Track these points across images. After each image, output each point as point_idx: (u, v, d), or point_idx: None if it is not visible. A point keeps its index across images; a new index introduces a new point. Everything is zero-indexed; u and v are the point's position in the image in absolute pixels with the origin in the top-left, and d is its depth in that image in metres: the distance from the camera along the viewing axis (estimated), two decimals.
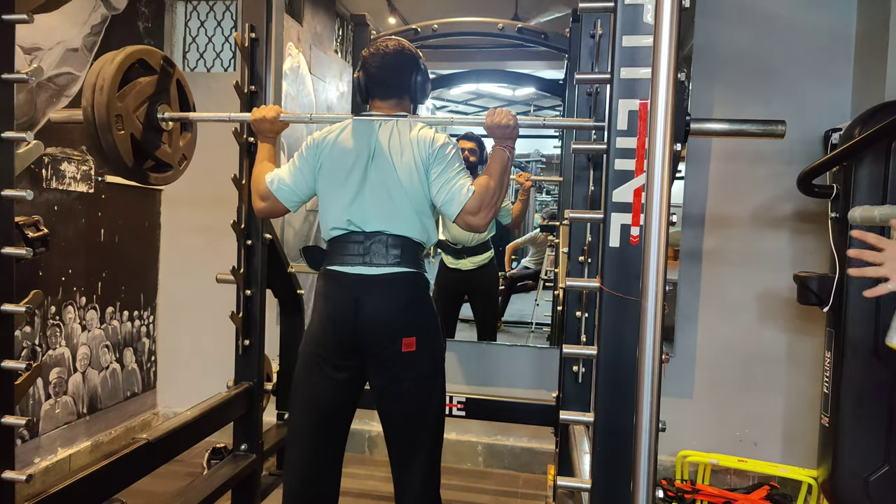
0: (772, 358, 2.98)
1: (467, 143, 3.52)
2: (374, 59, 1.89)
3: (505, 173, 1.83)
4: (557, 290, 3.41)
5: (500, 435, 3.34)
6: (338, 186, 1.85)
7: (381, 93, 1.91)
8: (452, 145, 1.85)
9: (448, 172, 1.81)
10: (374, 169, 1.83)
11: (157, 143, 2.08)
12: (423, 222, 1.84)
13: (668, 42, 0.97)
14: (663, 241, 0.98)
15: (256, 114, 2.00)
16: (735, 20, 2.92)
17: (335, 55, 4.63)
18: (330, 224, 1.87)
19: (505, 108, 1.87)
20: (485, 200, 1.78)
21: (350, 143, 1.87)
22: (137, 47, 2.01)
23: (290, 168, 1.93)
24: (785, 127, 1.40)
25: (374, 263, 1.79)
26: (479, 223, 1.79)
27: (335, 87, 4.54)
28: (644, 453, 1.00)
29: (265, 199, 1.94)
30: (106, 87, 1.85)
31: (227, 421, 2.42)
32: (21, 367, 1.48)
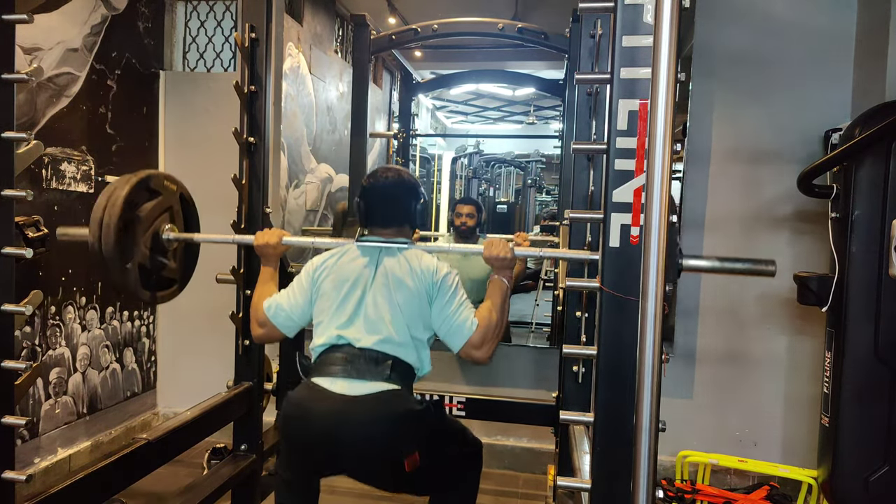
0: (772, 358, 2.98)
1: (465, 208, 3.55)
2: (374, 189, 1.91)
3: (505, 303, 1.85)
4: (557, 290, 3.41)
5: (500, 435, 3.34)
6: (333, 310, 1.81)
7: (382, 221, 1.92)
8: (454, 274, 1.85)
9: (451, 305, 1.80)
10: (373, 294, 1.80)
11: (163, 262, 2.09)
12: (419, 351, 1.80)
13: (668, 42, 0.97)
14: (663, 241, 0.98)
15: (260, 239, 2.02)
16: (735, 20, 2.92)
17: (335, 55, 4.63)
18: (319, 341, 1.82)
19: (502, 240, 1.88)
20: (488, 334, 1.78)
21: (349, 267, 1.86)
22: (140, 175, 2.00)
23: (288, 294, 1.92)
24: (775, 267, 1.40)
25: (360, 377, 1.71)
26: (483, 356, 1.79)
27: (335, 87, 4.54)
28: (644, 453, 1.00)
29: (263, 325, 1.93)
30: (113, 225, 1.85)
31: (227, 421, 2.42)
32: (21, 367, 1.48)
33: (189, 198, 2.26)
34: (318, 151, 4.26)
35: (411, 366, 1.79)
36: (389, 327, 1.76)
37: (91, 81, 3.05)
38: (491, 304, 1.82)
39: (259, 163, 2.43)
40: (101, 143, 3.15)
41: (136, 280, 1.96)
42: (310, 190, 4.16)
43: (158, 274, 2.08)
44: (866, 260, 2.13)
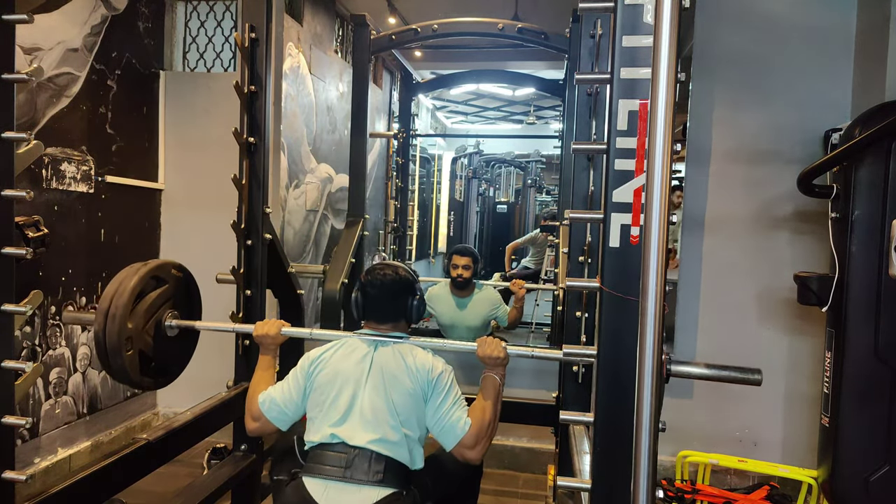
0: (772, 358, 2.98)
1: (462, 259, 3.53)
2: (372, 286, 1.93)
3: (498, 401, 1.85)
4: (557, 290, 3.41)
5: (500, 435, 3.33)
6: (328, 404, 1.82)
7: (378, 317, 1.94)
8: (449, 372, 1.86)
9: (445, 404, 1.80)
10: (368, 390, 1.80)
11: (163, 349, 2.11)
12: (411, 447, 1.80)
13: (668, 42, 0.97)
14: (663, 241, 0.98)
15: (259, 330, 2.04)
16: (735, 20, 2.92)
17: (335, 55, 4.63)
18: (312, 438, 1.82)
19: (495, 339, 1.90)
20: (481, 434, 1.79)
21: (345, 361, 1.86)
22: (151, 266, 2.04)
23: (283, 388, 1.92)
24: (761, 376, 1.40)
25: (354, 479, 1.70)
26: (475, 457, 1.80)
27: (335, 87, 4.54)
28: (644, 453, 1.00)
29: (257, 419, 1.93)
30: (118, 315, 1.89)
31: (227, 421, 2.42)
32: (21, 367, 1.48)
33: (194, 284, 2.28)
34: (318, 151, 4.26)
35: (404, 465, 1.79)
36: (383, 426, 1.76)
37: (91, 81, 3.05)
38: (484, 403, 1.83)
39: (259, 163, 2.43)
40: (101, 143, 3.15)
41: (136, 368, 1.98)
42: (310, 190, 4.16)
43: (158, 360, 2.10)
44: (866, 260, 2.13)
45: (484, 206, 8.65)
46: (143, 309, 2.01)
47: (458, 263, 3.52)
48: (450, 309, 3.54)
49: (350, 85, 3.94)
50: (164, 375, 2.17)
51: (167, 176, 3.63)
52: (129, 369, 1.95)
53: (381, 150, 5.31)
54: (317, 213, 4.30)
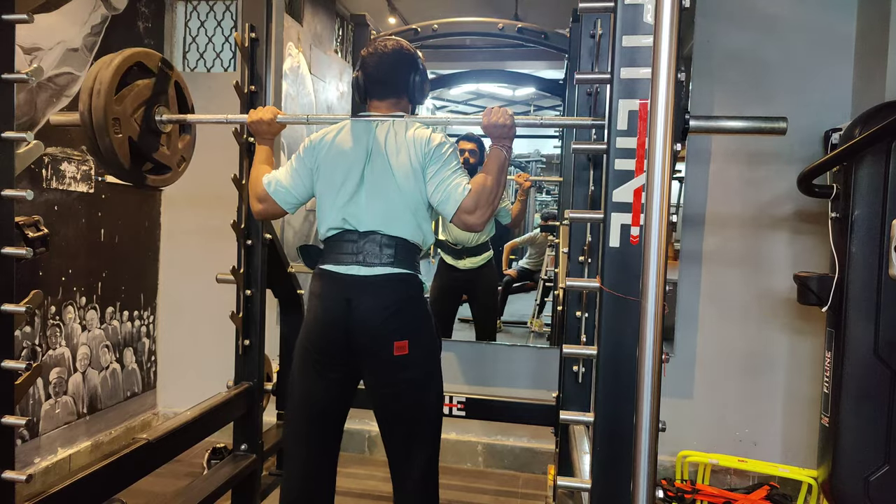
0: (772, 358, 2.98)
1: (467, 144, 3.50)
2: (372, 58, 1.89)
3: (502, 172, 1.81)
4: (557, 289, 3.41)
5: (500, 435, 3.34)
6: (334, 187, 1.84)
7: (379, 92, 1.90)
8: (450, 144, 1.84)
9: (444, 171, 1.79)
10: (371, 169, 1.82)
11: (156, 145, 2.06)
12: (419, 223, 1.83)
13: (668, 42, 0.97)
14: (663, 241, 0.98)
15: (253, 115, 2.00)
16: (735, 20, 2.92)
17: (335, 55, 4.63)
18: (326, 224, 1.86)
19: (502, 107, 1.86)
20: (481, 199, 1.76)
21: (347, 144, 1.86)
22: (135, 50, 1.99)
23: (288, 170, 1.93)
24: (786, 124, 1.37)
25: (367, 263, 1.78)
26: (476, 222, 1.77)
27: (335, 87, 4.54)
28: (644, 453, 1.00)
29: (262, 200, 1.94)
30: (103, 91, 1.83)
31: (227, 421, 2.42)
32: (21, 367, 1.48)
33: (185, 87, 2.21)
34: None
35: (415, 244, 1.83)
36: (389, 206, 1.80)
37: None
38: (486, 171, 1.80)
39: None
40: None
41: (126, 154, 1.91)
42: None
43: (150, 157, 2.04)
44: (866, 260, 2.13)
45: None
46: (132, 94, 1.94)
47: (465, 148, 3.51)
48: None
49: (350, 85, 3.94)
50: (157, 173, 2.10)
51: None
52: (119, 154, 1.87)
53: None
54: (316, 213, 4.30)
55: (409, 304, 1.81)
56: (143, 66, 2.02)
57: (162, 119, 2.06)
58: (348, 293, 1.78)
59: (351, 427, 3.38)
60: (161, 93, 2.08)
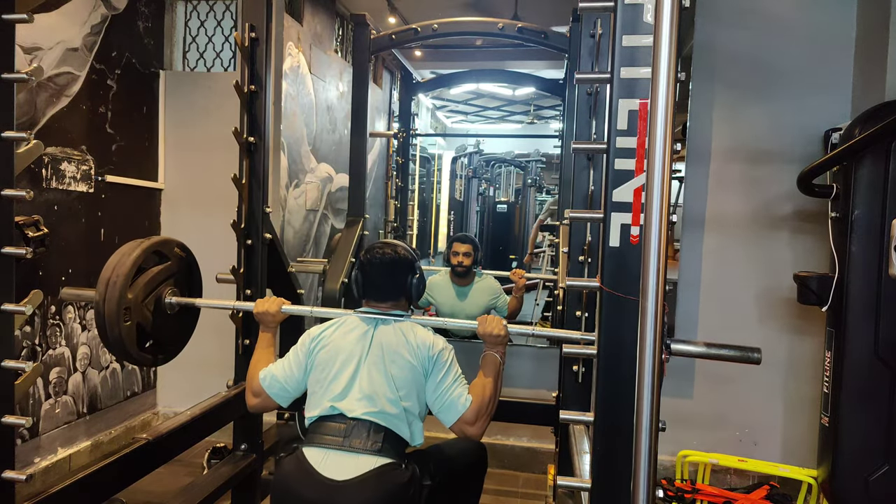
0: (772, 358, 2.98)
1: (462, 247, 3.53)
2: (371, 265, 1.94)
3: (499, 379, 1.86)
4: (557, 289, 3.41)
5: (500, 435, 3.34)
6: (328, 378, 1.83)
7: (378, 296, 1.95)
8: (449, 350, 1.87)
9: (446, 381, 1.82)
10: (368, 367, 1.81)
11: (162, 325, 2.12)
12: (410, 422, 1.81)
13: (668, 42, 0.97)
14: (663, 241, 0.98)
15: (260, 307, 2.05)
16: (735, 20, 2.92)
17: (335, 55, 4.63)
18: (314, 412, 1.82)
19: (496, 317, 1.90)
20: (481, 411, 1.80)
21: (345, 339, 1.87)
22: (155, 240, 2.08)
23: (284, 365, 1.93)
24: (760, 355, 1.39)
25: (352, 448, 1.71)
26: (476, 433, 1.80)
27: (335, 86, 4.54)
28: (644, 453, 1.00)
29: (257, 395, 1.95)
30: (119, 283, 1.92)
31: (227, 421, 2.42)
32: (21, 367, 1.48)
33: (195, 265, 2.30)
34: (318, 151, 4.26)
35: (403, 438, 1.80)
36: (383, 400, 1.77)
37: (91, 81, 3.05)
38: (485, 380, 1.84)
39: (259, 162, 2.43)
40: (101, 142, 3.14)
41: (133, 340, 2.00)
42: (310, 189, 4.15)
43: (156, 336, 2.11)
44: (866, 260, 2.13)
45: (484, 205, 8.65)
46: (144, 282, 2.02)
47: (459, 251, 3.52)
48: (449, 298, 3.54)
49: (350, 84, 3.94)
50: (162, 353, 2.17)
51: (167, 176, 3.63)
52: (125, 341, 1.95)
53: (381, 149, 5.31)
54: (317, 212, 4.30)
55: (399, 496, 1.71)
56: (160, 252, 2.11)
57: (171, 302, 2.12)
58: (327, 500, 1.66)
59: None
60: (172, 276, 2.15)
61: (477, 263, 3.55)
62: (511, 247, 7.89)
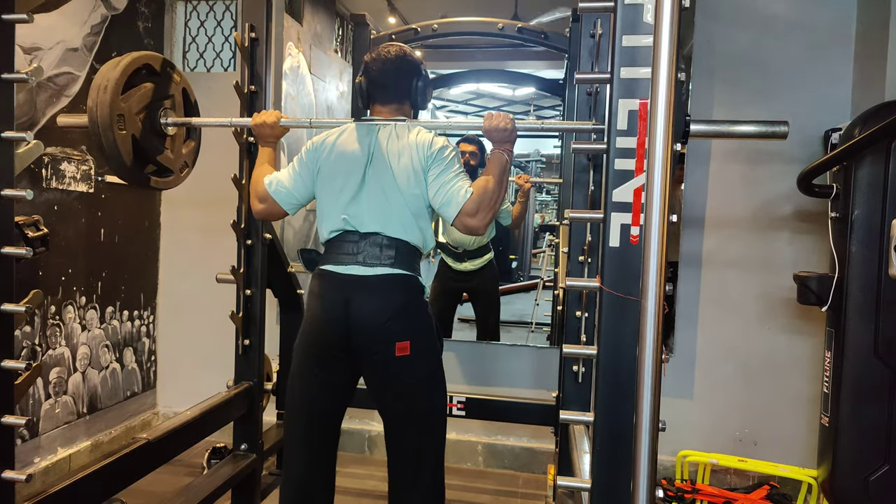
0: (772, 358, 2.98)
1: (468, 146, 3.51)
2: (375, 63, 1.91)
3: (503, 175, 1.81)
4: (557, 289, 3.41)
5: (500, 435, 3.34)
6: (335, 189, 1.85)
7: (382, 97, 1.92)
8: (451, 148, 1.85)
9: (446, 174, 1.80)
10: (372, 172, 1.83)
11: (160, 147, 2.08)
12: (420, 226, 1.83)
13: (668, 42, 0.97)
14: (663, 241, 0.98)
15: (257, 119, 2.01)
16: (735, 20, 2.92)
17: (335, 55, 4.63)
18: (327, 226, 1.87)
19: (503, 112, 1.86)
20: (483, 202, 1.76)
21: (349, 146, 1.87)
22: (144, 52, 2.03)
23: (289, 171, 1.94)
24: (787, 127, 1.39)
25: (367, 263, 1.78)
26: (478, 225, 1.77)
27: (335, 86, 4.54)
28: (644, 453, 1.00)
29: (263, 200, 1.95)
30: (110, 87, 1.87)
31: (227, 421, 2.43)
32: (21, 367, 1.48)
33: (191, 94, 2.24)
34: None
35: (415, 246, 1.83)
36: (391, 208, 1.80)
37: (91, 81, 3.04)
38: (487, 176, 1.80)
39: None
40: None
41: (128, 151, 1.94)
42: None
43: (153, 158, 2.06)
44: (866, 260, 2.13)
45: None
46: (138, 94, 1.98)
47: (465, 150, 3.52)
48: None
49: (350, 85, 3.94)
50: (160, 175, 2.13)
51: None
52: (121, 150, 1.91)
53: None
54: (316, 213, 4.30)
55: (410, 305, 1.81)
56: (151, 68, 2.05)
57: (167, 122, 2.07)
58: (348, 293, 1.78)
59: (351, 427, 3.38)
60: (167, 97, 2.10)
61: (482, 165, 3.53)
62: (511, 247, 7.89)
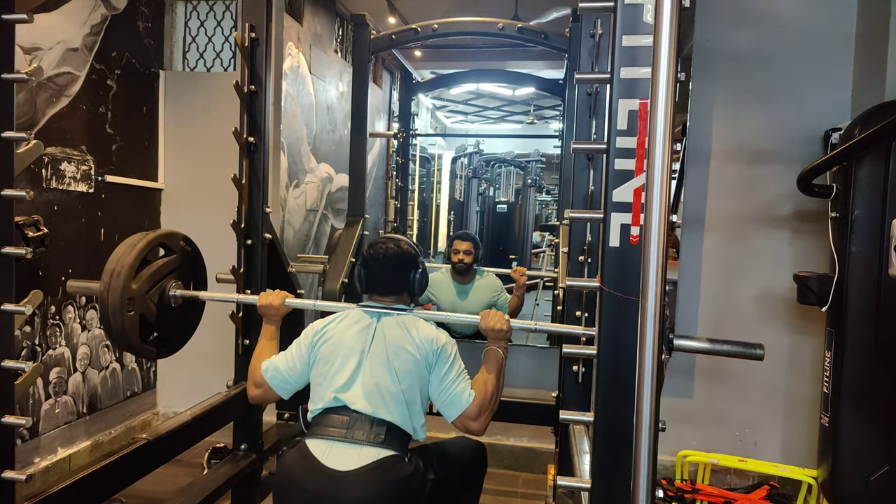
0: (772, 358, 2.97)
1: (463, 245, 3.54)
2: (374, 261, 1.95)
3: (501, 374, 1.87)
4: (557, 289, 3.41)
5: (500, 435, 3.34)
6: (331, 372, 1.83)
7: (381, 290, 1.96)
8: (452, 344, 1.88)
9: (449, 375, 1.82)
10: (370, 360, 1.82)
11: (166, 317, 2.13)
12: (412, 417, 1.81)
13: (668, 42, 0.97)
14: (663, 241, 0.98)
15: (263, 300, 2.07)
16: (735, 20, 2.92)
17: (335, 55, 4.63)
18: (318, 405, 1.83)
19: (498, 312, 1.91)
20: (484, 406, 1.80)
21: (348, 331, 1.88)
22: (160, 233, 2.11)
23: (286, 357, 1.94)
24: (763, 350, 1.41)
25: (355, 440, 1.72)
26: (478, 428, 1.81)
27: (335, 86, 4.54)
28: (644, 453, 1.00)
29: (259, 386, 1.96)
30: (123, 274, 1.95)
31: (227, 421, 2.42)
32: (21, 367, 1.48)
33: (200, 259, 2.32)
34: (318, 151, 4.26)
35: (406, 432, 1.80)
36: (386, 394, 1.78)
37: (91, 81, 3.05)
38: (487, 376, 1.84)
39: (259, 162, 2.43)
40: (101, 142, 3.14)
41: (136, 331, 2.01)
42: (310, 189, 4.15)
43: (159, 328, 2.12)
44: (866, 260, 2.13)
45: (484, 205, 8.65)
46: (148, 274, 2.04)
47: (460, 248, 3.53)
48: (450, 295, 3.54)
49: (350, 85, 3.94)
50: (165, 346, 2.18)
51: (167, 176, 3.63)
52: (129, 331, 1.97)
53: (381, 149, 5.31)
54: (317, 212, 4.30)
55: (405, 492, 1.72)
56: (166, 245, 2.13)
57: (175, 294, 2.14)
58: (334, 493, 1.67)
59: None
60: (177, 268, 2.17)
61: (478, 261, 3.55)
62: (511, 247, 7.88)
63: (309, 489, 1.69)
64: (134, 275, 1.97)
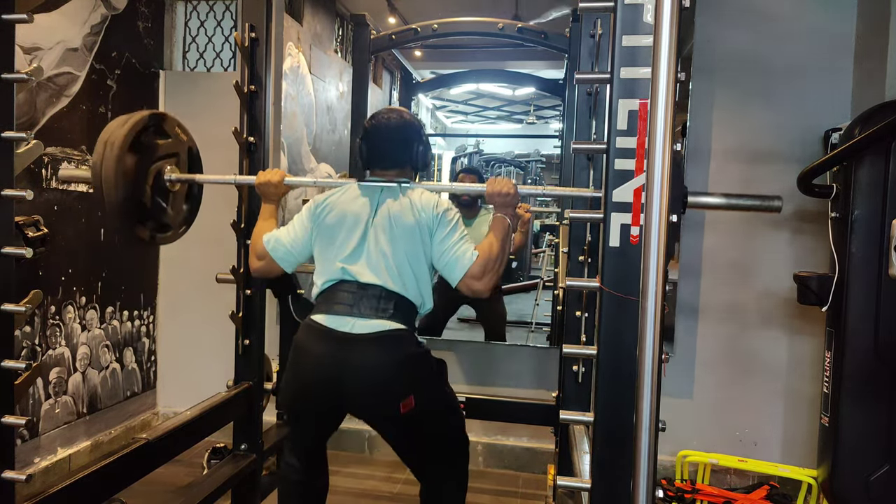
0: (772, 358, 2.98)
1: (468, 178, 3.60)
2: (375, 131, 1.91)
3: (507, 239, 1.83)
4: (557, 289, 3.41)
5: (500, 435, 3.34)
6: (336, 244, 1.83)
7: (384, 163, 1.92)
8: (455, 211, 1.86)
9: (451, 237, 1.80)
10: (374, 230, 1.81)
11: (161, 204, 2.08)
12: (420, 286, 1.81)
13: (668, 42, 0.97)
14: (663, 241, 0.98)
15: (261, 177, 2.03)
16: (735, 20, 2.92)
17: (335, 55, 4.63)
18: (322, 277, 1.82)
19: (505, 178, 1.88)
20: (488, 265, 1.77)
21: (351, 203, 1.87)
22: (153, 112, 2.05)
23: (289, 229, 1.93)
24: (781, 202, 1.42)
25: (363, 314, 1.72)
26: (483, 288, 1.78)
27: (335, 86, 4.54)
28: (644, 453, 1.00)
29: (261, 258, 1.95)
30: (117, 144, 1.86)
31: (227, 421, 2.42)
32: (21, 367, 1.48)
33: (197, 153, 2.24)
34: (318, 151, 4.25)
35: (413, 303, 1.80)
36: (392, 264, 1.77)
37: (91, 81, 3.05)
38: (492, 239, 1.81)
39: (259, 162, 2.43)
40: None
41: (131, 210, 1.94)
42: (310, 190, 4.16)
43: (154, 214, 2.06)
44: (866, 260, 2.13)
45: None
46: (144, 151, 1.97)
47: (465, 181, 3.58)
48: None
49: (350, 85, 3.94)
50: (161, 230, 2.13)
51: None
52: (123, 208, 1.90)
53: None
54: None
55: (409, 365, 1.75)
56: (159, 127, 2.06)
57: (170, 178, 2.07)
58: (341, 354, 1.71)
59: (351, 427, 3.38)
60: (173, 154, 2.11)
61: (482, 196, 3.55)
62: None
63: (318, 352, 1.72)
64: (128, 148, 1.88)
